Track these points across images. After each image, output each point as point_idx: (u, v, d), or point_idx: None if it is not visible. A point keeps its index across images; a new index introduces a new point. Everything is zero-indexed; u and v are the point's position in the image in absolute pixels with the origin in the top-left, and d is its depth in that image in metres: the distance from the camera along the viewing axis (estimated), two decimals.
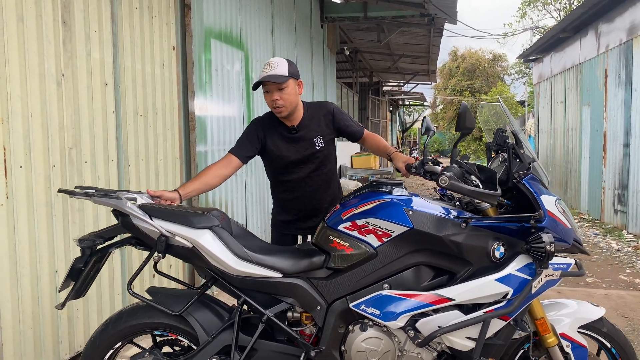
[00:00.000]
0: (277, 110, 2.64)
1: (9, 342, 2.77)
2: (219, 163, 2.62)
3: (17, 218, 2.80)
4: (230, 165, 2.63)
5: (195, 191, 2.49)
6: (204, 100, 4.82)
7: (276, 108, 2.63)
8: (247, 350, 2.12)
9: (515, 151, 2.20)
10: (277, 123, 2.75)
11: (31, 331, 2.90)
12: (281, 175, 2.80)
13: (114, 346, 2.22)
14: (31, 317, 2.89)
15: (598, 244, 7.30)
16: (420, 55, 13.87)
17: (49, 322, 3.02)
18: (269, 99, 2.63)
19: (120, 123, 3.63)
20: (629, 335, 3.83)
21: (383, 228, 2.08)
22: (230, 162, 2.63)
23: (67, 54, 3.13)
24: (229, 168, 2.62)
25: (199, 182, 2.50)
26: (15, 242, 2.79)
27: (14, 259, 2.79)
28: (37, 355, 2.93)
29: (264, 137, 2.72)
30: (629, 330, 3.93)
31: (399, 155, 2.58)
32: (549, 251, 1.95)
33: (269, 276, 2.13)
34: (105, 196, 2.10)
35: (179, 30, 4.44)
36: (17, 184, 2.80)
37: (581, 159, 10.09)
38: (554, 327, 2.23)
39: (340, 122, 2.82)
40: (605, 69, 8.81)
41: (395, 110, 27.17)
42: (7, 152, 2.74)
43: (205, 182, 2.53)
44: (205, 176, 2.53)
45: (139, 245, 2.20)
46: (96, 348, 2.20)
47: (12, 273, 2.78)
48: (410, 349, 2.12)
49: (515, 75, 35.95)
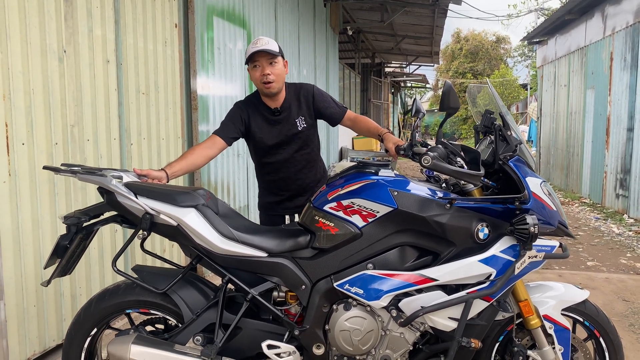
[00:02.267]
0: (267, 86, 2.61)
1: (13, 319, 2.78)
2: (204, 144, 2.61)
3: (19, 196, 2.78)
4: (215, 146, 2.62)
5: (181, 170, 2.47)
6: (206, 79, 4.78)
7: (266, 83, 2.60)
8: (231, 328, 2.14)
9: (502, 133, 2.19)
10: (260, 105, 2.74)
11: (35, 308, 2.91)
12: (265, 157, 2.80)
13: (99, 324, 2.23)
14: (35, 294, 2.90)
15: (599, 228, 7.31)
16: (423, 36, 13.74)
17: (52, 299, 3.02)
18: (259, 73, 2.61)
19: (122, 101, 3.59)
20: (630, 318, 3.86)
21: (368, 208, 2.09)
22: (215, 143, 2.62)
23: (68, 30, 3.08)
24: (214, 149, 2.61)
25: (185, 162, 2.49)
26: (18, 220, 2.78)
27: (17, 236, 2.78)
28: (40, 332, 2.95)
29: (248, 119, 2.72)
30: (630, 313, 3.95)
31: (389, 137, 2.54)
32: (532, 233, 1.95)
33: (254, 255, 2.14)
34: (91, 173, 2.10)
35: (182, 7, 4.37)
36: (19, 162, 2.78)
37: (584, 143, 10.05)
38: (538, 309, 2.24)
39: (320, 103, 2.79)
40: (610, 52, 8.72)
41: (397, 93, 27.01)
42: (9, 129, 2.71)
43: (191, 162, 2.52)
44: (191, 156, 2.53)
45: (124, 223, 2.21)
46: (81, 325, 2.21)
47: (15, 251, 2.77)
48: (394, 329, 2.13)
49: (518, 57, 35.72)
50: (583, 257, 5.74)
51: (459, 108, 2.10)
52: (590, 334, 2.34)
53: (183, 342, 2.17)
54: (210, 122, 4.82)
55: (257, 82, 2.64)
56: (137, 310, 2.24)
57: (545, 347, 2.23)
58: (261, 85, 2.63)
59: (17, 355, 2.80)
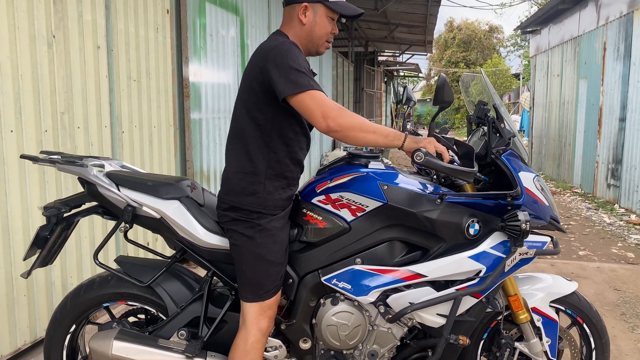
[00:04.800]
0: (327, 46, 2.10)
1: (3, 308, 2.74)
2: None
3: (8, 184, 2.73)
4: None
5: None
6: (199, 66, 4.72)
7: (329, 42, 2.10)
8: (216, 322, 2.11)
9: (496, 125, 2.15)
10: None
11: (25, 298, 2.87)
12: (303, 128, 2.08)
13: (77, 320, 2.19)
14: (25, 284, 2.86)
15: (590, 218, 7.35)
16: (416, 25, 13.66)
17: (43, 289, 2.99)
18: (330, 29, 2.05)
19: (113, 88, 3.53)
20: (621, 307, 3.88)
21: (357, 202, 2.05)
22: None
23: (57, 15, 3.01)
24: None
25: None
26: (7, 208, 2.74)
27: (6, 225, 2.74)
28: (31, 322, 2.91)
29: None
30: (621, 302, 3.98)
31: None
32: (524, 229, 1.93)
33: None
34: (70, 163, 2.04)
35: None
36: (8, 149, 2.73)
37: (576, 133, 10.08)
38: (526, 302, 2.24)
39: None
40: (604, 42, 8.72)
41: (390, 82, 26.95)
42: None
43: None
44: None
45: (106, 215, 2.16)
46: (58, 323, 2.18)
47: (4, 240, 2.73)
48: (381, 324, 2.11)
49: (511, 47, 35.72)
50: (575, 247, 5.78)
51: (453, 102, 2.07)
52: (574, 321, 2.35)
53: (167, 336, 2.13)
54: (202, 110, 4.77)
55: (320, 37, 2.04)
56: (114, 303, 2.20)
57: (532, 339, 2.23)
58: (323, 45, 2.07)
59: (8, 345, 2.77)
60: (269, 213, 1.99)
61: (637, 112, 7.39)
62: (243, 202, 1.98)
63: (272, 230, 1.99)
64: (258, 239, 1.97)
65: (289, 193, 2.07)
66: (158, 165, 4.14)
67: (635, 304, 3.96)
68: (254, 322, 1.99)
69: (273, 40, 1.97)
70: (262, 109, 1.95)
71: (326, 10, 2.00)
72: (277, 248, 2.00)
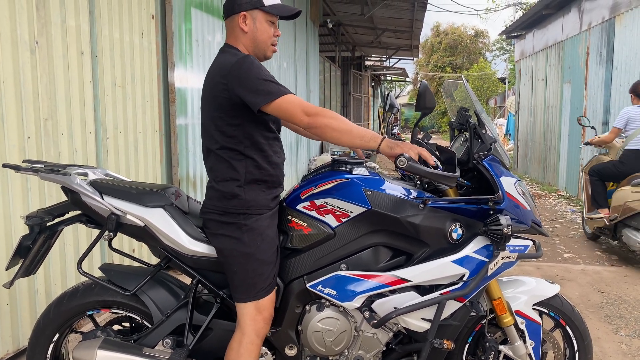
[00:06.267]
0: (273, 49, 2.13)
1: None
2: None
3: None
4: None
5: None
6: (184, 71, 4.70)
7: (274, 45, 2.12)
8: (201, 329, 2.10)
9: (477, 131, 2.18)
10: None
11: (7, 307, 2.84)
12: (272, 132, 2.10)
13: (60, 329, 2.17)
14: (7, 292, 2.82)
15: (575, 221, 7.42)
16: (403, 30, 13.74)
17: (26, 297, 2.95)
18: (272, 32, 2.07)
19: (97, 94, 3.51)
20: (605, 309, 3.93)
21: (341, 208, 2.07)
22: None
23: (40, 21, 2.99)
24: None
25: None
26: None
27: None
28: (14, 331, 2.87)
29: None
30: (605, 304, 4.02)
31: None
32: (506, 233, 1.96)
33: None
34: (53, 172, 2.02)
35: None
36: None
37: (560, 137, 10.19)
38: (510, 305, 2.26)
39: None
40: (587, 46, 8.84)
41: (377, 86, 27.05)
42: None
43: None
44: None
45: (90, 223, 2.15)
46: (41, 332, 2.16)
47: None
48: (367, 330, 2.13)
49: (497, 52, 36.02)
50: (560, 249, 5.83)
51: (435, 107, 2.08)
52: (557, 324, 2.39)
53: (152, 344, 2.12)
54: (188, 116, 4.75)
55: (264, 42, 2.06)
56: (99, 311, 2.19)
57: (516, 342, 2.25)
58: (269, 48, 2.09)
59: None
60: (254, 213, 2.00)
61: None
62: (227, 206, 1.99)
63: (258, 229, 2.00)
64: (246, 239, 1.98)
65: (274, 194, 2.08)
66: (144, 171, 4.11)
67: (619, 305, 4.00)
68: (249, 323, 1.99)
69: (230, 55, 1.99)
70: (232, 122, 1.98)
71: (264, 14, 2.02)
72: (265, 246, 2.01)
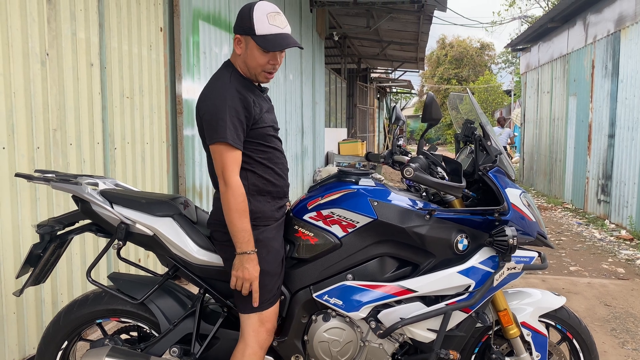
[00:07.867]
0: (269, 77, 2.07)
1: None
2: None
3: (0, 200, 2.74)
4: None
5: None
6: (192, 83, 4.75)
7: (271, 74, 2.07)
8: (208, 338, 2.12)
9: (482, 143, 2.21)
10: (248, 84, 2.07)
11: (14, 315, 2.85)
12: (274, 142, 2.12)
13: (69, 337, 2.19)
14: (14, 301, 2.84)
15: (581, 233, 7.40)
16: (409, 43, 13.82)
17: (32, 306, 2.97)
18: (262, 62, 1.99)
19: (106, 105, 3.55)
20: (612, 322, 3.90)
21: (348, 218, 2.08)
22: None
23: (51, 33, 3.04)
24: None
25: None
26: None
27: None
28: (20, 340, 2.89)
29: (253, 103, 2.01)
30: (611, 318, 4.00)
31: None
32: (511, 244, 1.97)
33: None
34: (65, 181, 2.06)
35: (167, 11, 4.35)
36: (0, 166, 2.73)
37: (566, 149, 10.18)
38: (516, 317, 2.26)
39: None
40: (592, 59, 8.86)
41: (383, 98, 27.13)
42: None
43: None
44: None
45: (99, 232, 2.18)
46: (50, 339, 2.17)
47: None
48: (373, 340, 2.13)
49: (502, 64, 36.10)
50: (566, 262, 5.81)
51: (441, 119, 2.11)
52: (564, 337, 2.37)
53: (159, 353, 2.13)
54: (195, 127, 4.79)
55: (254, 68, 2.01)
56: (107, 319, 2.20)
57: (522, 354, 2.24)
58: (262, 74, 2.04)
59: None
60: (260, 225, 2.02)
61: (625, 129, 7.49)
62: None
63: (264, 241, 2.01)
64: None
65: (279, 204, 2.10)
66: (150, 182, 4.15)
67: (626, 319, 3.98)
68: (252, 334, 2.00)
69: (214, 78, 2.04)
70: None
71: (255, 44, 1.96)
72: (271, 258, 2.02)
